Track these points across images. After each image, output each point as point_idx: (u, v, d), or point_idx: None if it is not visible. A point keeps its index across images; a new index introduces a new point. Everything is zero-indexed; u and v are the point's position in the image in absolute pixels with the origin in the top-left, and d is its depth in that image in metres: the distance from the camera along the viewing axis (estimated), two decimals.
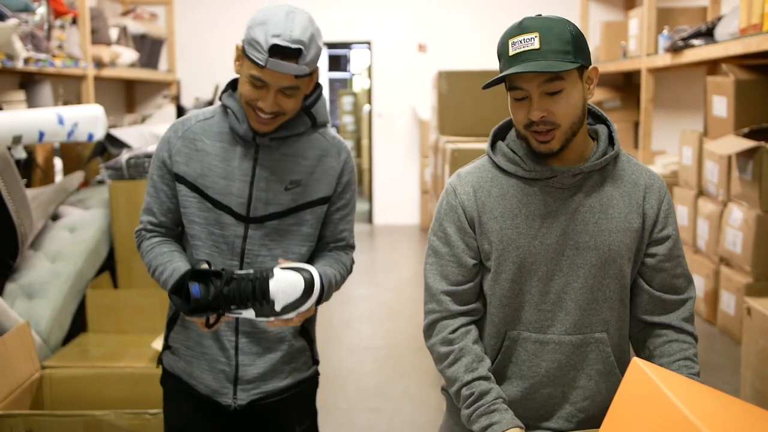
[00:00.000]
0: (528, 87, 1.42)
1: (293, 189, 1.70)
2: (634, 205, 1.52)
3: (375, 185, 8.42)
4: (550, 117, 1.42)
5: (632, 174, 1.55)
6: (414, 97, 8.06)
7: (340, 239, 1.80)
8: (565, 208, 1.50)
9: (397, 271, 6.39)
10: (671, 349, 1.54)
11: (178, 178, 1.71)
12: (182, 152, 1.71)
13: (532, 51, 1.39)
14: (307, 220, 1.72)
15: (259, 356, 1.74)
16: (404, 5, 7.97)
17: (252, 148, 1.69)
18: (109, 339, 2.88)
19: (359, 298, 5.60)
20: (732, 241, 3.88)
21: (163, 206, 1.75)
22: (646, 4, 5.19)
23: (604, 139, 1.53)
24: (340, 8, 7.96)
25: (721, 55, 3.96)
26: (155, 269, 1.73)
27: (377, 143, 8.33)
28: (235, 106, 1.69)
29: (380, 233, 8.11)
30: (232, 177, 1.68)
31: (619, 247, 1.50)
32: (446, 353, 1.53)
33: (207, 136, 1.71)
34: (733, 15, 3.93)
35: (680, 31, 4.63)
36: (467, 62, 7.65)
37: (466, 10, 7.90)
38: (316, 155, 1.73)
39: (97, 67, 5.29)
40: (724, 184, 4.02)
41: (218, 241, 1.70)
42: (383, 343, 4.50)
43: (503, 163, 1.54)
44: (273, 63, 1.54)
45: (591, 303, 1.50)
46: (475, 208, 1.53)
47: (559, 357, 1.51)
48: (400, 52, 8.07)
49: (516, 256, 1.50)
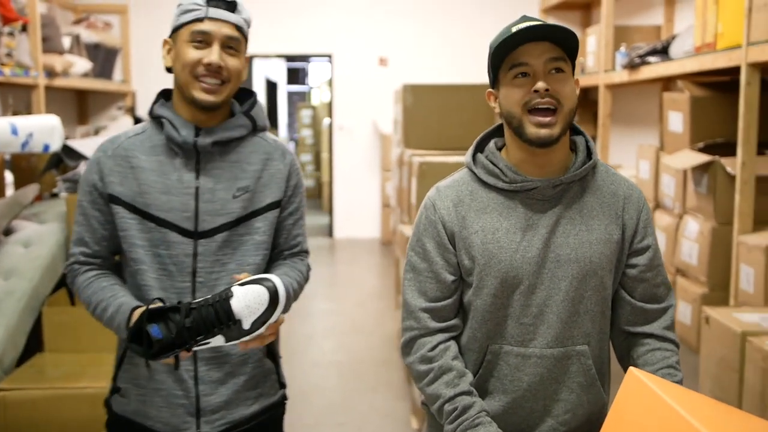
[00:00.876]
0: (534, 62, 1.42)
1: (242, 196, 1.64)
2: (613, 216, 1.53)
3: (335, 198, 8.41)
4: (555, 93, 1.42)
5: (611, 184, 1.56)
6: (375, 111, 8.10)
7: (295, 245, 1.76)
8: (545, 221, 1.49)
9: (359, 285, 6.38)
10: (654, 357, 1.54)
11: (113, 199, 1.62)
12: (115, 172, 1.62)
13: (539, 25, 1.41)
14: (259, 228, 1.66)
15: (221, 383, 1.65)
16: (365, 19, 8.01)
17: (192, 159, 1.62)
18: (66, 358, 2.79)
19: (321, 312, 5.57)
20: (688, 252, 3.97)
21: (96, 234, 1.65)
22: (604, 21, 5.32)
23: (583, 150, 1.54)
24: (300, 21, 7.97)
25: (677, 72, 4.07)
26: (96, 306, 1.61)
27: (338, 156, 8.34)
28: (170, 114, 1.63)
29: (341, 247, 8.10)
30: (173, 191, 1.61)
31: (600, 258, 1.50)
32: (426, 371, 1.52)
33: (141, 152, 1.63)
34: (688, 34, 4.05)
35: (637, 49, 4.75)
36: (428, 76, 7.72)
37: (426, 25, 7.98)
38: (260, 159, 1.68)
39: (49, 76, 5.18)
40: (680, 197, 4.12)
41: (166, 262, 1.61)
42: (348, 358, 4.48)
43: (483, 175, 1.53)
44: (213, 11, 1.57)
45: (572, 316, 1.50)
46: (455, 223, 1.52)
47: (541, 370, 1.51)
48: (361, 65, 8.11)
49: (498, 271, 1.49)
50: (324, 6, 7.98)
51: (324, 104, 11.57)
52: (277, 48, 8.10)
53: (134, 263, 1.62)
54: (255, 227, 1.66)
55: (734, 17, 3.29)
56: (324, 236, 8.69)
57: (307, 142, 12.22)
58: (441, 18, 7.95)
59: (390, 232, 7.50)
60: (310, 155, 12.21)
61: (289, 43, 8.05)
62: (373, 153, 8.29)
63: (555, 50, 1.43)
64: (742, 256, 3.23)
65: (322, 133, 10.99)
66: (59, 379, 2.64)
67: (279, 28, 7.94)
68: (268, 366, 1.74)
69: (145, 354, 1.42)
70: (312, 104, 12.73)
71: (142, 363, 1.63)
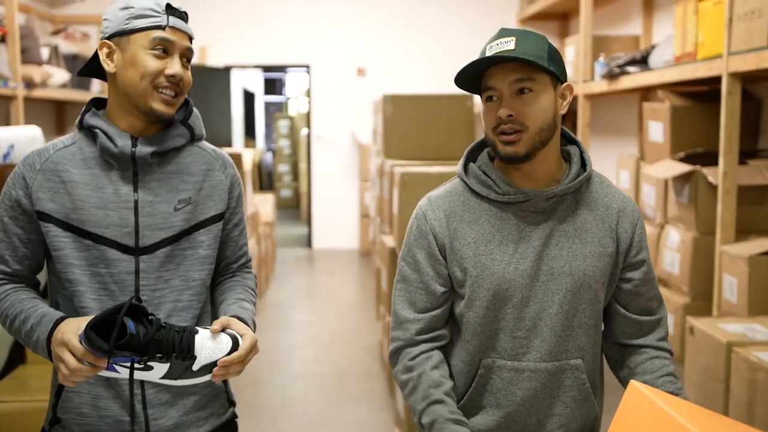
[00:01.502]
0: (499, 86, 1.43)
1: (184, 208, 1.57)
2: (607, 229, 1.53)
3: (314, 209, 8.40)
4: (519, 117, 1.43)
5: (605, 197, 1.55)
6: (353, 121, 8.11)
7: (241, 257, 1.72)
8: (539, 233, 1.49)
9: (338, 295, 6.37)
10: (653, 365, 1.55)
11: (43, 216, 1.51)
12: (45, 187, 1.51)
13: (507, 51, 1.41)
14: (203, 242, 1.60)
15: (170, 405, 1.58)
16: (343, 29, 8.04)
17: (129, 171, 1.54)
18: (50, 370, 2.71)
19: (300, 323, 5.55)
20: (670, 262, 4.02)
21: (17, 252, 1.54)
22: (582, 32, 5.38)
23: (577, 161, 1.54)
24: (278, 31, 7.97)
25: (656, 81, 4.12)
26: (14, 318, 1.49)
27: (316, 167, 8.33)
28: (103, 124, 1.53)
29: (319, 257, 8.08)
30: (110, 206, 1.52)
31: (594, 272, 1.50)
32: (406, 381, 1.53)
33: (72, 165, 1.53)
34: (667, 44, 4.11)
35: (616, 59, 4.80)
36: (406, 86, 7.76)
37: (405, 35, 8.02)
38: (201, 170, 1.61)
39: (28, 87, 5.12)
40: (661, 207, 4.17)
41: (106, 281, 1.51)
42: (329, 369, 4.46)
43: (476, 186, 1.53)
44: (174, 20, 1.52)
45: (566, 329, 1.50)
46: (447, 234, 1.52)
47: (535, 385, 1.50)
48: (339, 75, 8.12)
49: (491, 283, 1.48)
50: (302, 16, 7.99)
51: (302, 114, 11.56)
52: (254, 58, 8.09)
53: (70, 284, 1.52)
54: (199, 241, 1.60)
55: (714, 27, 3.34)
56: (302, 247, 8.67)
57: (285, 152, 12.19)
58: (419, 28, 8.00)
59: (369, 243, 7.50)
60: (287, 165, 12.19)
61: (266, 54, 8.04)
62: (352, 163, 8.30)
63: (522, 70, 1.43)
64: (725, 265, 3.28)
65: (300, 143, 10.98)
66: (42, 391, 2.60)
67: (256, 39, 7.94)
68: (218, 385, 1.68)
69: (103, 346, 1.32)
70: (289, 114, 12.72)
71: (85, 390, 1.55)
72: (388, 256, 3.80)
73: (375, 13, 8.01)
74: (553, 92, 1.46)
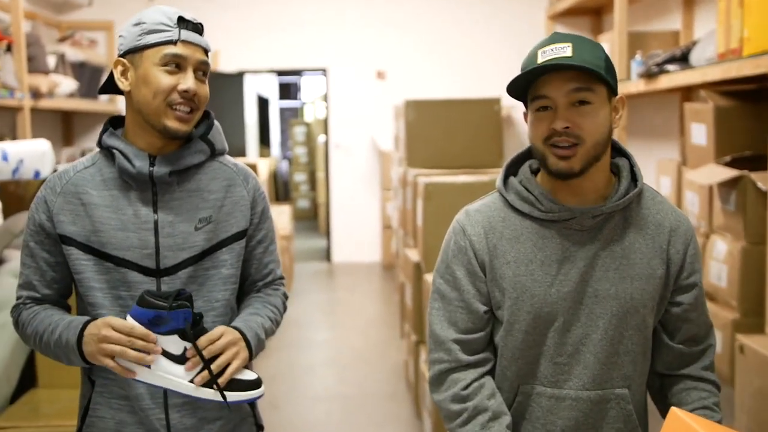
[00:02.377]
0: (555, 95, 1.41)
1: (204, 227, 1.60)
2: (657, 249, 1.50)
3: (333, 220, 8.43)
4: (575, 129, 1.40)
5: (657, 214, 1.53)
6: (373, 127, 8.14)
7: (267, 274, 1.74)
8: (584, 253, 1.47)
9: (361, 312, 6.38)
10: (689, 397, 1.54)
11: (65, 240, 1.58)
12: (66, 210, 1.58)
13: (564, 58, 1.38)
14: (225, 261, 1.63)
15: (195, 430, 1.62)
16: (362, 31, 8.07)
17: (148, 191, 1.59)
18: (62, 395, 2.78)
19: (321, 342, 5.56)
20: (717, 275, 3.98)
21: (45, 277, 1.62)
22: (617, 28, 5.36)
23: (626, 175, 1.52)
24: (293, 34, 8.03)
25: (698, 80, 4.09)
26: (43, 332, 1.57)
27: (334, 176, 8.36)
28: (121, 145, 1.58)
29: (340, 272, 8.10)
30: (130, 227, 1.57)
31: (642, 295, 1.48)
32: (459, 411, 1.51)
33: (92, 187, 1.59)
34: (709, 39, 4.08)
35: (654, 56, 4.78)
36: (429, 90, 7.77)
37: (426, 36, 8.03)
38: (222, 186, 1.65)
39: (34, 97, 5.21)
40: (705, 216, 4.13)
41: (128, 304, 1.56)
42: (352, 391, 4.47)
43: (516, 203, 1.51)
44: (186, 33, 1.54)
45: (612, 356, 1.48)
46: (486, 252, 1.51)
47: (576, 414, 1.49)
48: (358, 79, 8.16)
49: (531, 306, 1.47)
50: (318, 18, 8.04)
51: (319, 120, 11.62)
52: (269, 63, 8.15)
53: (92, 308, 1.58)
54: (221, 260, 1.63)
55: (761, 21, 3.32)
56: (321, 260, 8.69)
57: (301, 160, 12.25)
58: (441, 28, 8.01)
59: (392, 255, 7.50)
60: (304, 174, 12.24)
61: (281, 58, 8.10)
62: (372, 171, 8.32)
63: (580, 79, 1.40)
64: None
65: (317, 150, 11.03)
66: (55, 416, 2.64)
67: (271, 42, 8.00)
68: (245, 409, 1.72)
69: (161, 304, 1.44)
70: (306, 120, 12.79)
71: (109, 415, 1.62)
72: (413, 271, 3.80)
73: (395, 13, 8.04)
74: (608, 105, 1.45)
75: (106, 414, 1.61)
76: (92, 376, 1.64)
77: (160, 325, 1.44)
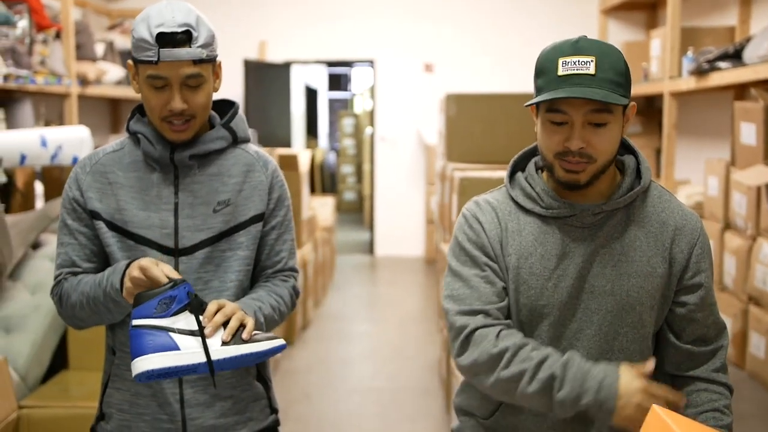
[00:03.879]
0: (573, 113, 1.41)
1: (222, 210, 1.68)
2: (659, 248, 1.50)
3: (377, 213, 8.48)
4: (589, 150, 1.42)
5: (662, 212, 1.53)
6: (419, 120, 8.15)
7: (277, 262, 1.77)
8: (582, 249, 1.49)
9: (401, 306, 6.41)
10: (699, 399, 1.53)
11: (95, 215, 1.68)
12: (93, 188, 1.68)
13: (587, 76, 1.38)
14: (242, 243, 1.70)
15: (207, 407, 1.69)
16: (410, 23, 8.09)
17: (171, 173, 1.68)
18: (91, 377, 2.86)
19: (360, 334, 5.62)
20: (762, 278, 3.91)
21: (85, 250, 1.69)
22: (669, 23, 5.27)
23: (631, 173, 1.53)
24: (341, 25, 8.08)
25: (750, 78, 4.02)
26: (88, 293, 1.61)
27: (380, 168, 8.41)
28: (146, 130, 1.67)
29: (382, 265, 8.15)
30: (152, 207, 1.67)
31: (639, 293, 1.48)
32: (500, 353, 1.44)
33: (119, 168, 1.70)
34: (763, 36, 4.00)
35: (706, 53, 4.70)
36: (476, 84, 7.74)
37: (474, 29, 8.01)
38: (241, 171, 1.72)
39: (82, 84, 5.37)
40: (752, 217, 4.05)
41: None
42: (386, 385, 4.51)
43: (520, 198, 1.55)
44: (165, 53, 1.55)
45: (605, 353, 1.49)
46: (497, 239, 1.53)
47: None
48: (405, 71, 8.18)
49: (527, 298, 1.50)
50: (366, 9, 8.08)
51: (367, 112, 11.67)
52: (316, 54, 8.23)
53: None
54: (238, 242, 1.70)
55: None
56: (364, 253, 8.76)
57: (349, 152, 12.32)
58: (491, 22, 7.98)
59: (434, 250, 7.52)
60: (351, 167, 12.32)
61: (329, 49, 8.17)
62: (418, 165, 8.34)
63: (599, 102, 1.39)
64: None
65: (365, 142, 11.09)
66: (83, 398, 2.73)
67: (319, 33, 8.07)
68: (258, 389, 1.78)
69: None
70: (354, 112, 12.85)
71: (126, 385, 1.68)
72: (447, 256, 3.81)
73: (444, 5, 8.03)
74: (622, 118, 1.46)
75: (123, 386, 1.70)
76: (114, 346, 1.73)
77: (167, 308, 1.47)
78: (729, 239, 4.34)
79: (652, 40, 5.80)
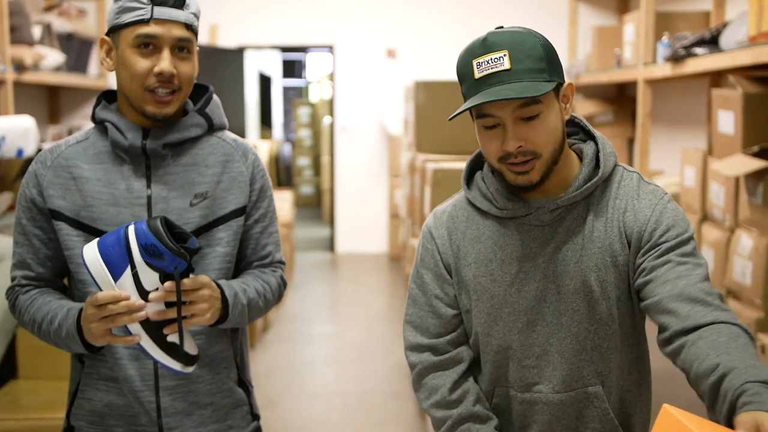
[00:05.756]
0: (501, 114, 1.40)
1: (200, 203, 1.65)
2: (615, 231, 1.47)
3: (337, 208, 8.47)
4: (529, 146, 1.41)
5: (616, 199, 1.49)
6: (382, 109, 8.16)
7: (265, 256, 1.76)
8: (543, 249, 1.49)
9: (365, 305, 6.43)
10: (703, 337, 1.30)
11: (55, 215, 1.63)
12: (55, 184, 1.63)
13: (502, 72, 1.37)
14: (221, 239, 1.67)
15: (186, 415, 1.68)
16: (371, 5, 8.08)
17: (142, 164, 1.64)
18: (44, 386, 2.84)
19: (322, 336, 5.62)
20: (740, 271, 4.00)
21: (39, 255, 1.66)
22: (643, 7, 5.35)
23: (588, 162, 1.50)
24: (298, 7, 8.04)
25: (727, 65, 4.10)
26: (42, 320, 1.61)
27: (340, 160, 8.39)
28: (114, 117, 1.63)
29: (343, 263, 8.15)
30: (122, 202, 1.62)
31: (603, 286, 1.47)
32: (443, 418, 1.55)
33: (83, 161, 1.64)
34: (741, 21, 4.08)
35: (681, 39, 4.78)
36: (441, 71, 7.74)
37: (440, 13, 8.03)
38: (219, 161, 1.69)
39: (18, 70, 5.25)
40: (731, 209, 4.14)
41: None
42: (353, 388, 4.52)
43: (478, 200, 1.54)
44: (159, 11, 1.55)
45: (579, 353, 1.49)
46: (451, 254, 1.55)
47: (549, 418, 1.51)
48: (367, 57, 8.17)
49: (491, 307, 1.51)
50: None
51: (324, 101, 11.64)
52: (272, 39, 8.18)
53: (82, 285, 1.64)
54: (217, 238, 1.67)
55: None
56: (324, 250, 8.74)
57: (305, 143, 12.28)
58: (457, 6, 8.01)
59: (399, 246, 7.54)
60: (308, 159, 12.28)
61: (285, 33, 8.12)
62: (380, 157, 8.35)
63: None
64: None
65: (323, 133, 11.06)
66: (36, 409, 2.69)
67: (274, 16, 8.01)
68: (239, 395, 1.77)
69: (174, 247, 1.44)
70: (311, 101, 12.81)
71: (97, 397, 1.66)
72: None
73: None
74: (557, 102, 1.45)
75: (94, 396, 1.67)
76: (82, 356, 1.70)
77: (152, 256, 1.45)
78: (707, 231, 4.43)
79: (625, 25, 5.88)
